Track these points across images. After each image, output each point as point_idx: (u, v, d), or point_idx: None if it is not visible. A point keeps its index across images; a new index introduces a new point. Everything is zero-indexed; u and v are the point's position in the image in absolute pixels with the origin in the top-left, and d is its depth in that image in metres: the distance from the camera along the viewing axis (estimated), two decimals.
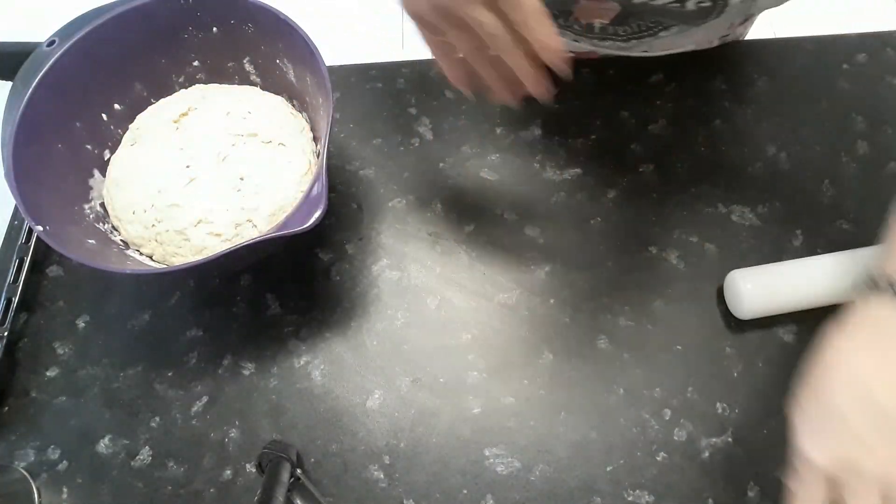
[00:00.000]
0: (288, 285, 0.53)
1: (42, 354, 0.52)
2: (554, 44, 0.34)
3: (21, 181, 0.44)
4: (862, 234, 0.53)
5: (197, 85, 0.55)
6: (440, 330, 0.51)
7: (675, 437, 0.47)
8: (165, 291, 0.53)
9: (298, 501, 0.41)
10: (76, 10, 0.55)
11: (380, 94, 0.61)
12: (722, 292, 0.51)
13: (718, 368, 0.49)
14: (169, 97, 0.55)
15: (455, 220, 0.55)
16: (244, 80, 0.56)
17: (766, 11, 0.56)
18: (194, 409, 0.49)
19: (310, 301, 0.52)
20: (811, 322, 0.50)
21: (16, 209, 0.57)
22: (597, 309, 0.51)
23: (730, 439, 0.47)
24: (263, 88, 0.56)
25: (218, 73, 0.56)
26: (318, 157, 0.51)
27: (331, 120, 0.45)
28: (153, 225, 0.48)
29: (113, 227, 0.51)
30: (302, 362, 0.50)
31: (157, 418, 0.49)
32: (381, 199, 0.56)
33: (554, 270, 0.53)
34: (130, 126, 0.53)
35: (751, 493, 0.45)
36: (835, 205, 0.54)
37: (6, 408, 0.50)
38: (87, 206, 0.50)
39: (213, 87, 0.55)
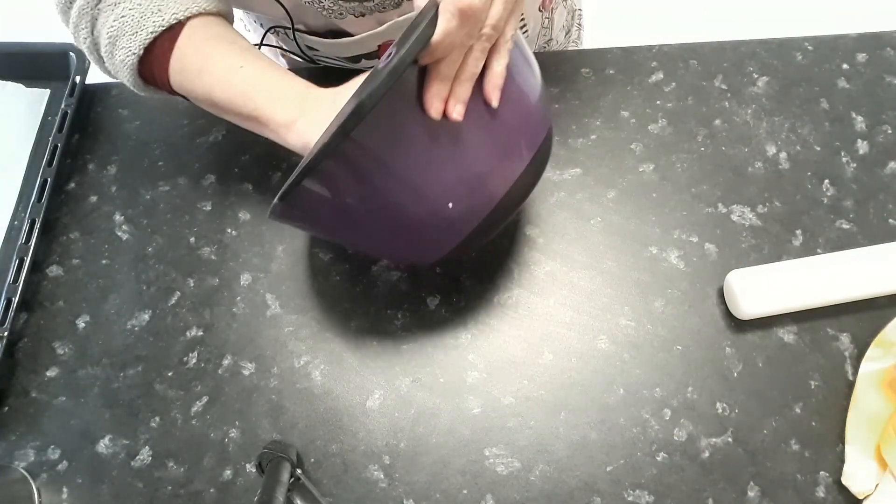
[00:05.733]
0: (288, 285, 0.53)
1: (42, 354, 0.52)
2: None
3: None
4: (862, 234, 0.53)
5: None
6: (440, 330, 0.51)
7: (675, 437, 0.47)
8: (166, 291, 0.53)
9: (298, 501, 0.41)
10: None
11: None
12: (722, 292, 0.51)
13: (718, 368, 0.49)
14: None
15: None
16: None
17: (764, 11, 0.56)
18: (194, 409, 0.49)
19: (310, 301, 0.52)
20: (811, 322, 0.50)
21: (16, 209, 0.57)
22: (597, 309, 0.51)
23: (730, 439, 0.47)
24: None
25: None
26: None
27: None
28: None
29: None
30: (302, 362, 0.50)
31: (157, 418, 0.49)
32: None
33: (554, 270, 0.53)
34: None
35: (751, 493, 0.45)
36: (835, 205, 0.54)
37: (6, 408, 0.50)
38: None
39: None
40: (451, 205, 0.39)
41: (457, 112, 0.36)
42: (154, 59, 0.46)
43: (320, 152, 0.35)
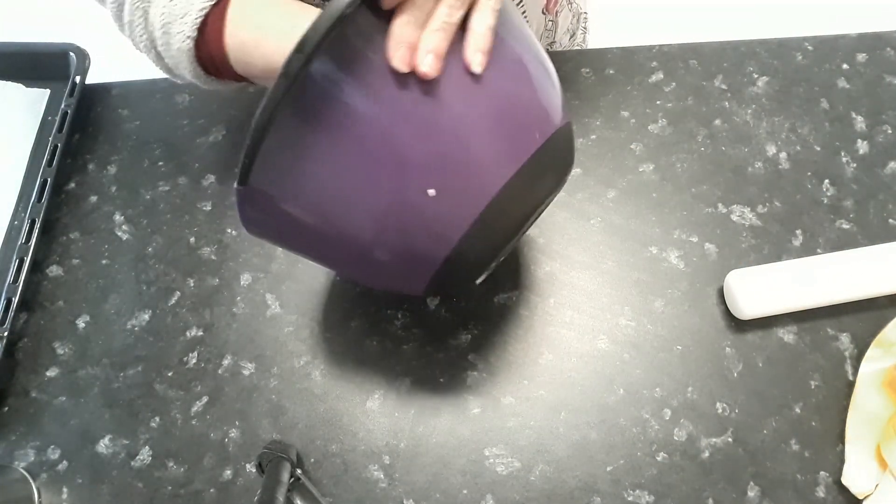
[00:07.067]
0: (288, 285, 0.53)
1: (42, 354, 0.52)
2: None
3: None
4: (862, 234, 0.53)
5: None
6: (440, 330, 0.51)
7: (675, 437, 0.47)
8: (166, 291, 0.53)
9: (298, 501, 0.41)
10: (79, 12, 0.55)
11: None
12: (722, 292, 0.51)
13: (718, 368, 0.49)
14: None
15: None
16: None
17: (763, 11, 0.56)
18: (194, 409, 0.49)
19: (310, 301, 0.52)
20: (811, 322, 0.50)
21: (16, 209, 0.57)
22: (597, 309, 0.51)
23: (730, 439, 0.47)
24: None
25: None
26: None
27: None
28: None
29: None
30: (302, 362, 0.50)
31: (157, 418, 0.49)
32: None
33: (554, 270, 0.53)
34: None
35: (751, 493, 0.45)
36: (835, 205, 0.54)
37: (6, 408, 0.50)
38: None
39: None
40: (431, 191, 0.32)
41: (427, 64, 0.31)
42: (209, 39, 0.44)
43: (264, 108, 0.30)
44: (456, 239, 0.34)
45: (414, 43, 0.31)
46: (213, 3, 0.42)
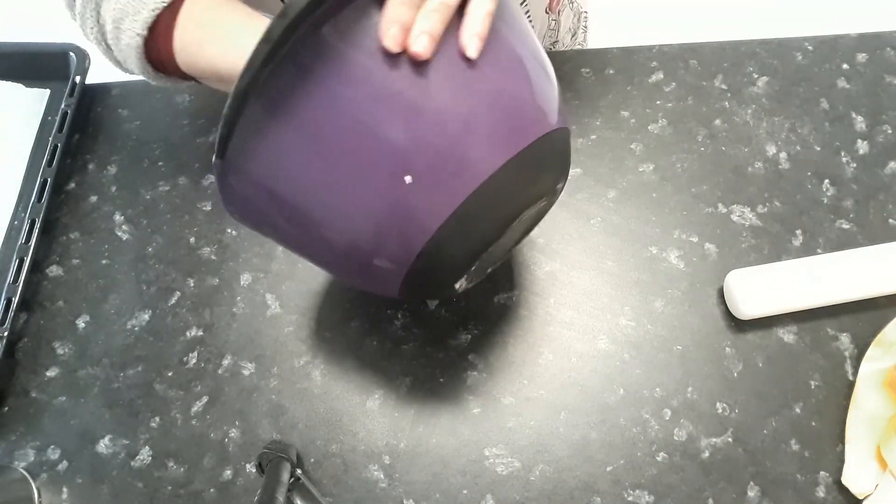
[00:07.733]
0: (288, 285, 0.53)
1: (42, 354, 0.52)
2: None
3: None
4: (862, 234, 0.53)
5: None
6: (440, 330, 0.51)
7: (675, 437, 0.47)
8: (166, 291, 0.53)
9: (298, 501, 0.41)
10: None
11: None
12: (722, 292, 0.51)
13: (718, 368, 0.49)
14: None
15: None
16: None
17: (763, 11, 0.56)
18: (194, 409, 0.49)
19: (310, 301, 0.53)
20: (811, 322, 0.50)
21: (16, 209, 0.57)
22: (597, 309, 0.51)
23: (730, 439, 0.47)
24: None
25: None
26: None
27: None
28: None
29: None
30: (302, 362, 0.50)
31: (157, 418, 0.49)
32: None
33: (554, 270, 0.53)
34: None
35: (751, 493, 0.45)
36: (835, 205, 0.54)
37: (6, 408, 0.50)
38: None
39: None
40: (408, 178, 0.30)
41: (420, 44, 0.30)
42: (159, 38, 0.44)
43: (242, 75, 0.29)
44: (432, 230, 0.32)
45: (408, 23, 0.30)
46: (165, 4, 0.42)
